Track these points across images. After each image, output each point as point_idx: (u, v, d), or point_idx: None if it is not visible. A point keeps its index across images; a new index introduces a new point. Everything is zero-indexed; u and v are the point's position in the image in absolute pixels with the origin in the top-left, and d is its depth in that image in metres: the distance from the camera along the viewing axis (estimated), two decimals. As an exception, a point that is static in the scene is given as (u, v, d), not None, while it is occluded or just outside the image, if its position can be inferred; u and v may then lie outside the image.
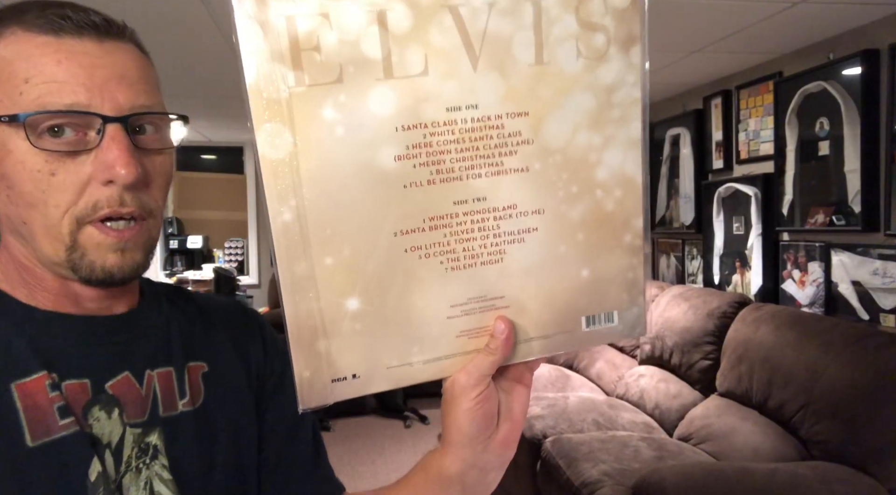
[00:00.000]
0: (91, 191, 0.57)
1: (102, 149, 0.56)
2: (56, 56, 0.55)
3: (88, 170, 0.56)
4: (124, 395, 0.63)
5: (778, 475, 1.97)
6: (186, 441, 0.66)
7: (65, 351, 0.61)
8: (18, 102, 0.55)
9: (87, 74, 0.56)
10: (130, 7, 2.39)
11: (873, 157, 2.54)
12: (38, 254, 0.59)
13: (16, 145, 0.55)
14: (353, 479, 3.72)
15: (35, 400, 0.57)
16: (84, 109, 0.55)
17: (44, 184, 0.56)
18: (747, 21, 2.57)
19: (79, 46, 0.56)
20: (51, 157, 0.55)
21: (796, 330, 2.43)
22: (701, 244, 3.74)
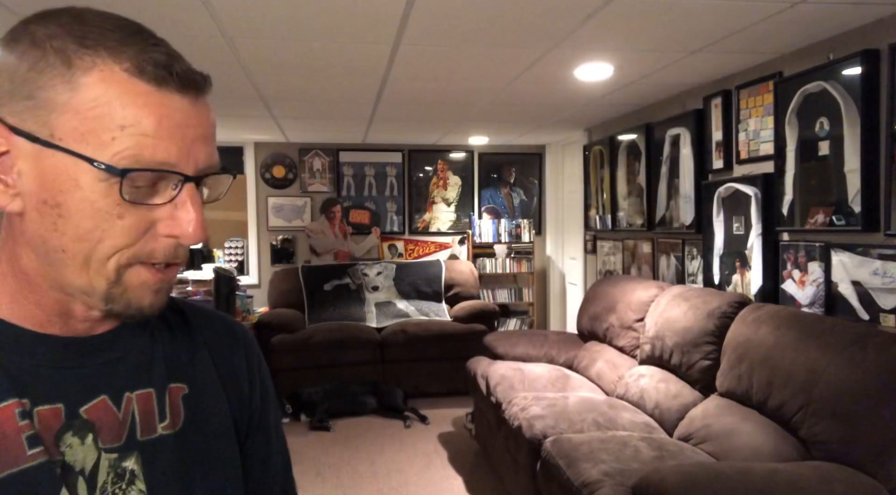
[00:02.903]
0: (150, 239, 0.57)
1: (178, 206, 0.57)
2: (158, 111, 0.55)
3: (154, 218, 0.57)
4: (100, 419, 0.61)
5: (778, 475, 1.97)
6: (165, 465, 0.64)
7: (40, 374, 0.59)
8: (109, 147, 0.54)
9: (180, 135, 0.56)
10: (130, 7, 2.39)
11: (873, 157, 2.54)
12: (62, 280, 0.58)
13: (88, 183, 0.54)
14: (352, 479, 3.72)
15: (2, 429, 0.56)
16: (172, 168, 0.56)
17: (107, 225, 0.56)
18: (747, 21, 2.57)
19: (178, 103, 0.56)
20: (123, 204, 0.55)
21: (796, 330, 2.43)
22: (701, 244, 3.73)
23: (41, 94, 0.54)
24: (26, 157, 0.55)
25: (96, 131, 0.54)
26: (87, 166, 0.54)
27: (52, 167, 0.54)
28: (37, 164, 0.55)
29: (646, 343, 3.36)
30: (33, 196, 0.55)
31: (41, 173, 0.55)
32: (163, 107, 0.55)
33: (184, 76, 0.57)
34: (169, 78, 0.56)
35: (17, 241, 0.58)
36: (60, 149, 0.54)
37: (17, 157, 0.55)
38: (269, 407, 0.80)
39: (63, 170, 0.54)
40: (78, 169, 0.54)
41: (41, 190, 0.55)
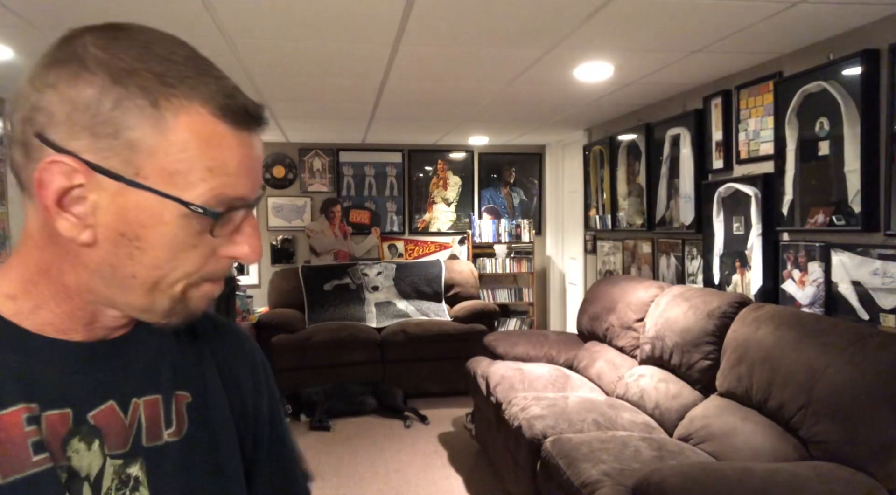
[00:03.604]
0: (214, 261, 0.60)
1: (241, 232, 0.60)
2: (239, 151, 0.57)
3: (218, 243, 0.60)
4: (107, 425, 0.61)
5: (778, 475, 1.97)
6: (169, 472, 0.64)
7: (50, 379, 0.59)
8: (196, 188, 0.55)
9: (252, 169, 0.59)
10: (131, 7, 2.39)
11: (873, 157, 2.54)
12: (122, 300, 0.60)
13: (172, 220, 0.56)
14: (353, 479, 3.72)
15: (8, 435, 0.56)
16: (246, 202, 0.59)
17: (183, 255, 0.58)
18: (747, 21, 2.57)
19: (249, 141, 0.59)
20: (199, 235, 0.58)
21: (796, 330, 2.43)
22: (701, 244, 3.73)
23: (128, 134, 0.54)
24: (104, 192, 0.55)
25: (184, 173, 0.55)
26: (172, 205, 0.55)
27: (134, 204, 0.55)
28: (117, 200, 0.55)
29: (646, 343, 3.36)
30: (109, 228, 0.56)
31: (121, 208, 0.55)
32: (242, 146, 0.58)
33: (255, 114, 0.59)
34: (246, 118, 0.58)
35: (66, 261, 0.58)
36: (149, 189, 0.55)
37: (92, 191, 0.55)
38: (280, 418, 0.81)
39: (147, 207, 0.55)
40: (163, 207, 0.55)
41: (120, 223, 0.56)
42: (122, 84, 0.54)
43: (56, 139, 0.54)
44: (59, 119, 0.54)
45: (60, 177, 0.54)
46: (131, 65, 0.55)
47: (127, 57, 0.55)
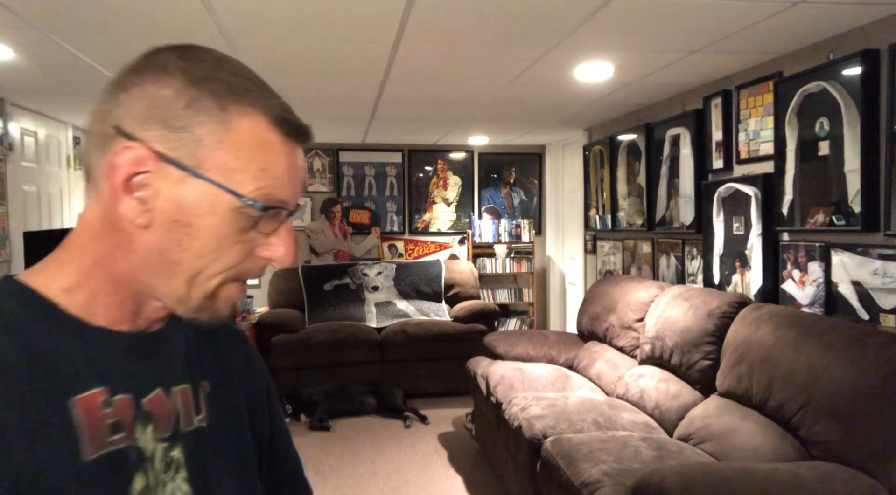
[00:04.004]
0: (249, 260, 0.66)
1: (280, 235, 0.66)
2: (287, 160, 0.65)
3: (256, 243, 0.65)
4: (157, 411, 0.67)
5: (778, 475, 1.97)
6: (202, 454, 0.70)
7: (113, 366, 0.64)
8: (248, 185, 0.62)
9: (295, 178, 0.66)
10: (131, 7, 2.39)
11: (873, 157, 2.54)
12: (161, 287, 0.64)
13: (222, 212, 0.62)
14: (353, 479, 3.72)
15: (92, 416, 0.60)
16: (286, 206, 0.65)
17: (225, 247, 0.63)
18: (747, 21, 2.57)
19: (296, 154, 0.66)
20: (242, 230, 0.64)
21: (796, 330, 2.43)
22: (701, 244, 3.73)
23: (196, 130, 0.61)
24: (167, 180, 0.61)
25: (240, 170, 0.62)
26: (225, 196, 0.62)
27: (192, 193, 0.61)
28: (177, 189, 0.61)
29: (646, 343, 3.36)
30: (164, 214, 0.61)
31: (180, 197, 0.61)
32: (289, 155, 0.65)
33: (302, 131, 0.66)
34: (295, 132, 0.66)
35: (119, 247, 0.64)
36: (208, 180, 0.61)
37: (157, 178, 0.61)
38: (279, 411, 0.87)
39: (203, 197, 0.61)
40: (217, 198, 0.62)
41: (176, 211, 0.61)
42: (196, 87, 0.61)
43: (131, 131, 0.61)
44: (136, 113, 0.61)
45: (131, 162, 0.60)
46: (206, 73, 0.63)
47: (202, 67, 0.63)
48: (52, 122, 4.84)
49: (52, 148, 4.84)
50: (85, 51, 2.98)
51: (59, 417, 0.58)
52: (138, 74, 0.62)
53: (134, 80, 0.62)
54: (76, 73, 3.40)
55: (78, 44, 2.87)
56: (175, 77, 0.62)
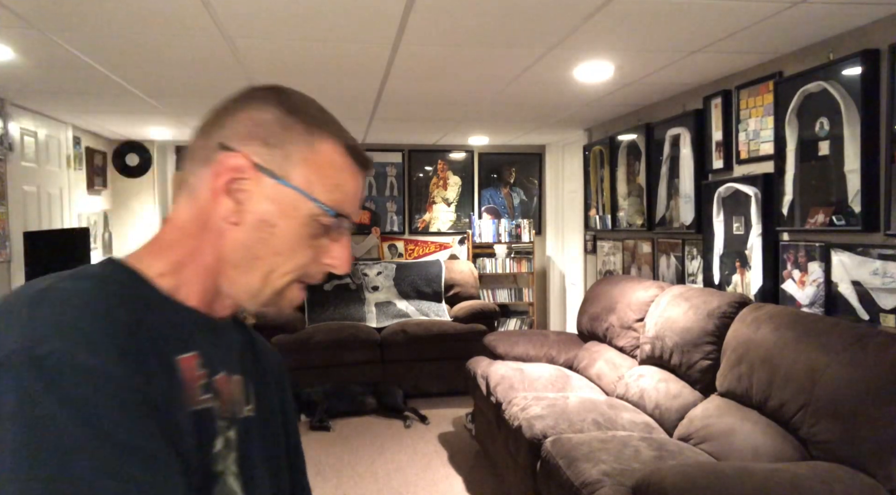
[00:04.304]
0: (314, 265, 0.78)
1: (342, 244, 0.79)
2: (354, 181, 0.79)
3: (321, 250, 0.77)
4: (223, 391, 0.74)
5: (778, 475, 1.97)
6: (249, 441, 0.77)
7: (198, 341, 0.73)
8: (325, 196, 0.75)
9: (357, 198, 0.80)
10: (131, 7, 2.39)
11: (873, 157, 2.54)
12: (238, 279, 0.75)
13: (302, 216, 0.74)
14: (353, 479, 3.72)
15: (190, 374, 0.69)
16: (350, 220, 0.78)
17: (298, 248, 0.75)
18: (747, 21, 2.57)
19: (360, 178, 0.80)
20: (312, 236, 0.76)
21: (796, 330, 2.43)
22: (701, 244, 3.73)
23: (288, 148, 0.75)
24: (260, 187, 0.74)
25: (318, 184, 0.75)
26: (306, 203, 0.74)
27: (279, 198, 0.74)
28: (267, 194, 0.74)
29: (646, 343, 3.36)
30: (254, 214, 0.74)
31: (269, 200, 0.74)
32: (356, 179, 0.79)
33: (367, 161, 0.81)
34: (361, 159, 0.80)
35: (210, 241, 0.75)
36: (294, 188, 0.74)
37: (252, 184, 0.74)
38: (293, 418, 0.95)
39: (287, 202, 0.74)
40: (299, 204, 0.74)
41: (264, 212, 0.74)
42: (290, 115, 0.76)
43: (233, 146, 0.74)
44: (239, 132, 0.75)
45: (233, 168, 0.73)
46: (296, 106, 0.78)
47: (294, 101, 0.78)
48: (52, 121, 4.84)
49: (52, 148, 4.84)
50: (85, 51, 2.98)
51: (170, 370, 0.67)
52: (243, 104, 0.77)
53: (239, 108, 0.76)
54: (76, 73, 3.40)
55: (78, 44, 2.87)
56: (274, 106, 0.76)
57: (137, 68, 3.31)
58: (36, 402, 0.55)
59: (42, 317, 0.60)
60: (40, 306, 0.62)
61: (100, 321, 0.62)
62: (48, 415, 0.55)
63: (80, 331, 0.60)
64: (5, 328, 0.60)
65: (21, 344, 0.58)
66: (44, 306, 0.62)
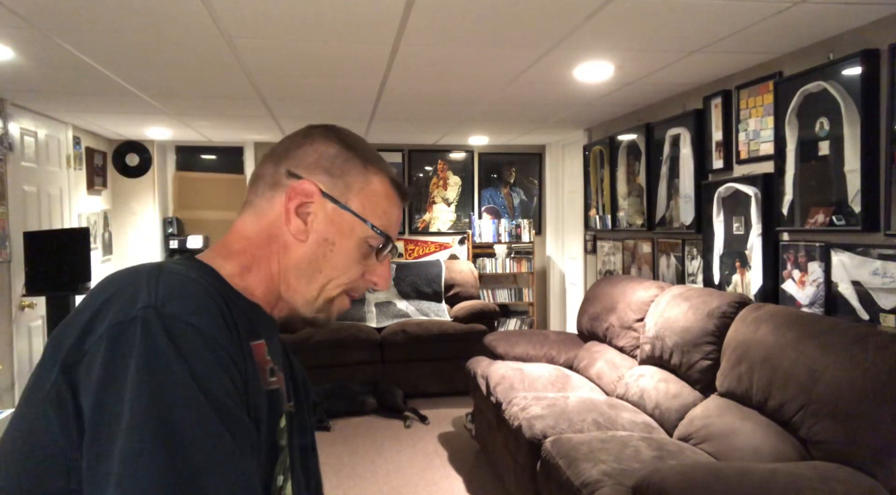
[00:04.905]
0: (360, 280, 0.89)
1: (384, 264, 0.91)
2: (397, 211, 0.92)
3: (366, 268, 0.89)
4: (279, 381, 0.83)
5: (778, 475, 1.97)
6: (292, 432, 0.86)
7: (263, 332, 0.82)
8: (375, 219, 0.88)
9: (398, 224, 0.93)
10: (131, 7, 2.39)
11: (873, 157, 2.54)
12: (298, 287, 0.87)
13: (357, 237, 0.87)
14: (352, 479, 3.72)
15: (261, 358, 0.79)
16: (393, 244, 0.91)
17: (351, 264, 0.88)
18: (747, 21, 2.57)
19: (401, 208, 0.93)
20: (363, 255, 0.88)
21: (796, 330, 2.43)
22: (701, 244, 3.73)
23: (347, 178, 0.87)
24: (324, 210, 0.86)
25: (370, 211, 0.88)
26: (362, 227, 0.87)
27: (339, 220, 0.86)
28: (330, 216, 0.86)
29: (646, 343, 3.36)
30: (319, 233, 0.86)
31: (331, 222, 0.86)
32: (398, 209, 0.92)
33: (407, 191, 0.94)
34: (403, 191, 0.93)
35: (278, 252, 0.86)
36: (352, 212, 0.87)
37: (318, 207, 0.86)
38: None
39: (346, 224, 0.87)
40: (356, 227, 0.87)
41: (327, 231, 0.86)
42: (349, 150, 0.89)
43: (301, 174, 0.86)
44: (306, 163, 0.87)
45: (304, 193, 0.85)
46: (353, 143, 0.90)
47: (351, 139, 0.91)
48: (52, 122, 4.84)
49: (52, 148, 4.84)
50: (85, 51, 2.98)
51: (249, 352, 0.76)
52: (308, 138, 0.89)
53: (306, 142, 0.88)
54: (76, 73, 3.40)
55: (78, 44, 2.87)
56: (336, 142, 0.89)
57: (137, 68, 3.31)
58: (158, 349, 0.66)
59: (166, 284, 0.72)
60: (161, 276, 0.73)
61: (209, 296, 0.74)
62: (166, 362, 0.66)
63: (196, 300, 0.72)
64: (136, 291, 0.71)
65: (151, 301, 0.69)
66: (164, 277, 0.73)
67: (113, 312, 0.69)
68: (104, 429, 0.63)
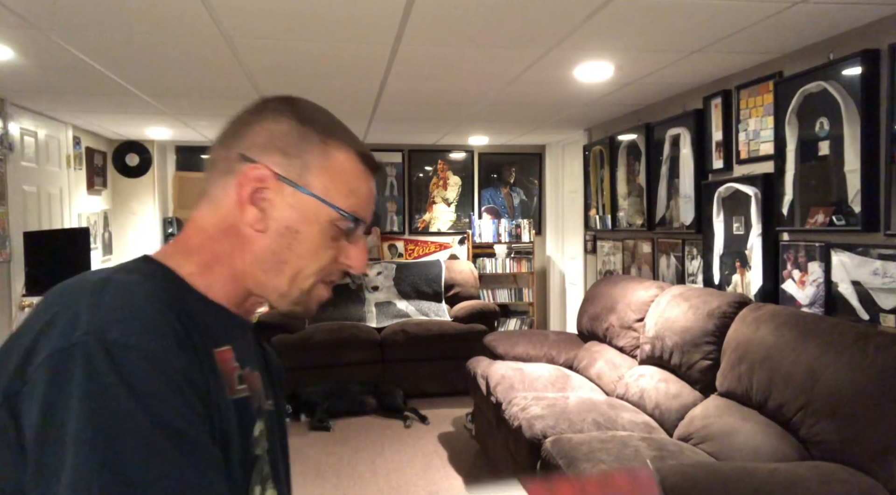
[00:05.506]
0: (334, 266, 0.82)
1: (358, 246, 0.83)
2: (367, 186, 0.83)
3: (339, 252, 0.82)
4: (251, 384, 0.79)
5: (778, 475, 1.97)
6: (272, 432, 0.83)
7: (230, 336, 0.78)
8: (341, 202, 0.80)
9: (371, 202, 0.84)
10: (131, 7, 2.39)
11: (873, 157, 2.54)
12: (268, 282, 0.80)
13: (322, 222, 0.79)
14: (353, 479, 3.72)
15: (226, 366, 0.74)
16: (365, 224, 0.83)
17: (320, 251, 0.80)
18: (747, 21, 2.57)
19: (372, 183, 0.85)
20: (332, 239, 0.80)
21: (796, 330, 2.43)
22: (701, 244, 3.73)
23: (305, 157, 0.79)
24: (282, 195, 0.78)
25: (335, 190, 0.79)
26: (326, 210, 0.79)
27: (300, 205, 0.78)
28: (289, 202, 0.78)
29: (646, 343, 3.36)
30: (279, 222, 0.78)
31: (291, 208, 0.78)
32: (368, 183, 0.83)
33: (376, 164, 0.85)
34: (372, 164, 0.84)
35: (237, 247, 0.79)
36: (314, 196, 0.78)
37: (274, 193, 0.78)
38: None
39: (309, 210, 0.78)
40: (319, 211, 0.79)
41: (288, 219, 0.78)
42: (305, 125, 0.80)
43: (254, 157, 0.78)
44: (258, 143, 0.79)
45: (256, 179, 0.77)
46: (309, 116, 0.82)
47: (306, 111, 0.83)
48: (52, 121, 4.84)
49: (52, 148, 4.84)
50: (85, 51, 2.98)
51: (210, 362, 0.71)
52: (258, 115, 0.80)
53: (255, 120, 0.80)
54: (76, 73, 3.40)
55: (78, 44, 2.87)
56: (288, 117, 0.80)
57: (137, 68, 3.31)
58: (100, 379, 0.61)
59: (108, 304, 0.66)
60: (104, 294, 0.67)
61: (158, 311, 0.67)
62: (110, 391, 0.61)
63: (142, 319, 0.66)
64: (75, 314, 0.65)
65: (92, 327, 0.64)
66: (107, 295, 0.67)
67: (53, 339, 0.64)
68: (48, 466, 0.59)
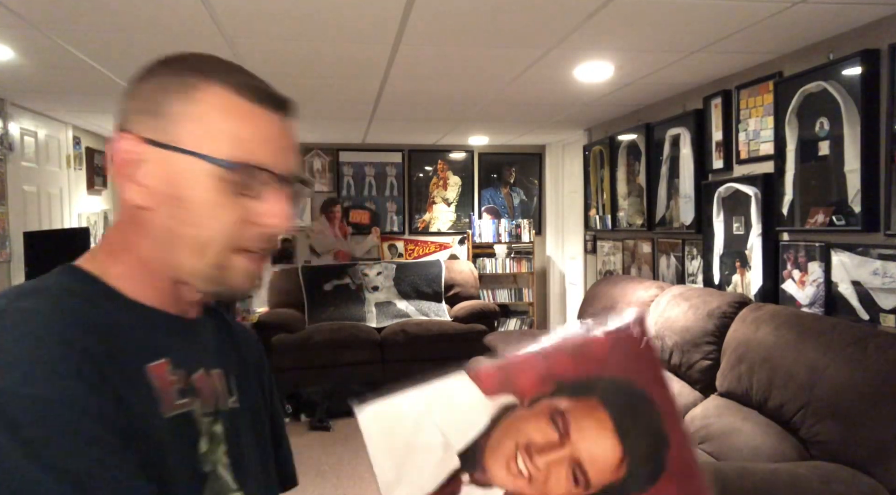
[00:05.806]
0: (247, 228, 0.69)
1: (269, 200, 0.70)
2: (254, 123, 0.69)
3: (252, 211, 0.69)
4: (203, 388, 0.73)
5: (778, 475, 1.97)
6: (238, 432, 0.77)
7: (169, 343, 0.71)
8: (221, 150, 0.67)
9: (277, 145, 0.70)
10: (131, 7, 2.39)
11: (873, 157, 2.54)
12: (175, 263, 0.70)
13: (204, 181, 0.67)
14: (352, 479, 3.72)
15: (163, 381, 0.68)
16: (267, 168, 0.69)
17: (216, 215, 0.68)
18: (747, 21, 2.57)
19: (269, 118, 0.70)
20: (229, 196, 0.68)
21: (796, 330, 2.43)
22: (701, 244, 3.73)
23: (165, 109, 0.68)
24: (155, 162, 0.68)
25: (213, 138, 0.67)
26: (203, 165, 0.67)
27: (176, 168, 0.67)
28: (164, 167, 0.68)
29: (646, 343, 3.36)
30: (160, 193, 0.68)
31: (167, 174, 0.68)
32: (258, 119, 0.69)
33: (274, 98, 0.71)
34: (263, 98, 0.70)
35: (138, 233, 0.70)
36: (183, 151, 0.67)
37: (147, 163, 0.68)
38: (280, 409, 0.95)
39: (186, 170, 0.67)
40: (196, 167, 0.67)
41: (168, 187, 0.68)
42: (165, 73, 0.70)
43: (128, 126, 0.69)
44: (131, 112, 0.70)
45: (122, 150, 0.68)
46: (175, 61, 0.71)
47: (175, 59, 0.72)
48: (52, 121, 4.84)
49: (52, 148, 4.84)
50: (85, 51, 2.98)
51: (139, 382, 0.65)
52: (136, 81, 0.72)
53: (132, 86, 0.72)
54: (76, 73, 3.39)
55: (78, 44, 2.87)
56: (156, 74, 0.71)
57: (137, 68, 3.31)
58: None
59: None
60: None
61: (55, 347, 0.59)
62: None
63: (33, 361, 0.58)
64: None
65: None
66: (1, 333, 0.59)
67: None
68: None
